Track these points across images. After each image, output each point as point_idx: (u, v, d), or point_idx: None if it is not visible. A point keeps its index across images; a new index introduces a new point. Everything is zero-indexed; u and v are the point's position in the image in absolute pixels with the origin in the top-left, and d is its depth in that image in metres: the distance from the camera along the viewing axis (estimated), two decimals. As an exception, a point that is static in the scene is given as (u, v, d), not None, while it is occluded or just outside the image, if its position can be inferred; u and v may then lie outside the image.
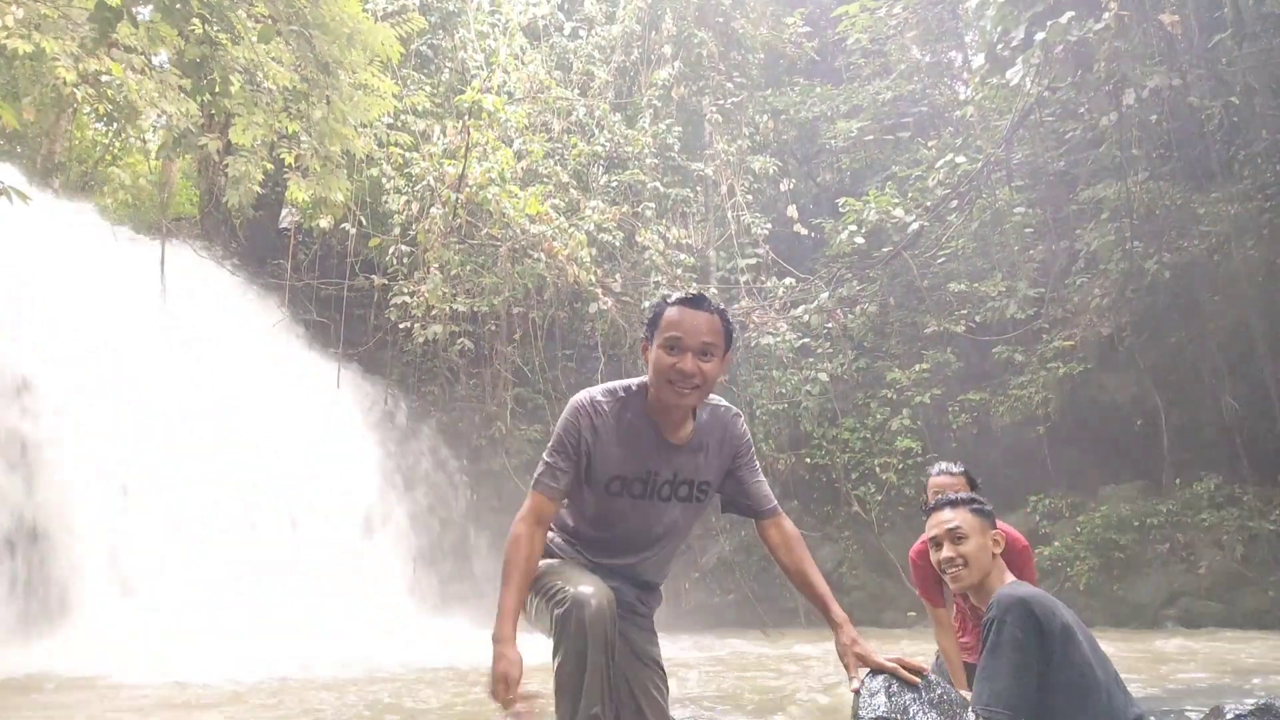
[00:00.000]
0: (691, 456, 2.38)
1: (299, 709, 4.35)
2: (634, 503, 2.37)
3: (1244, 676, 4.93)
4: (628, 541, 2.43)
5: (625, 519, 2.40)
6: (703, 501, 2.47)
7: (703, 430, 2.39)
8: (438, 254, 10.13)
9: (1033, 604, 2.43)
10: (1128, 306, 9.86)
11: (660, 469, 2.36)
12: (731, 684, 5.01)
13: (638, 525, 2.41)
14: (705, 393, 2.30)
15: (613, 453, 2.34)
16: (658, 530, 2.43)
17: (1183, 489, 9.16)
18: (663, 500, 2.39)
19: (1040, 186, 11.67)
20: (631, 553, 2.45)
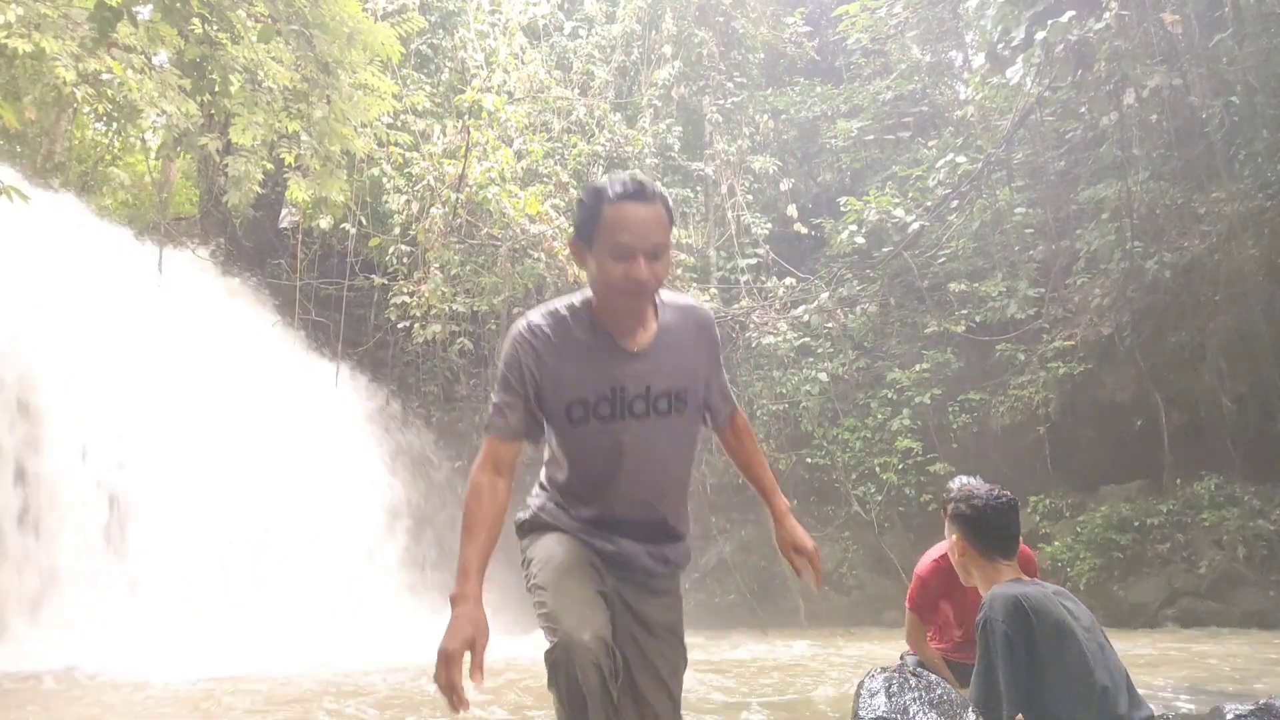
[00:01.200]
0: (660, 362, 2.08)
1: (299, 707, 4.35)
2: (605, 427, 2.05)
3: (1244, 676, 4.93)
4: (618, 482, 2.10)
5: (602, 451, 2.08)
6: (688, 413, 2.15)
7: (669, 331, 2.10)
8: (438, 254, 10.13)
9: (1023, 602, 2.43)
10: (1128, 306, 9.85)
11: (627, 383, 2.04)
12: (732, 684, 5.01)
13: (620, 455, 2.07)
14: (657, 289, 2.05)
15: (565, 375, 2.04)
16: (647, 458, 2.10)
17: (1183, 489, 9.15)
18: (639, 418, 2.06)
19: (1041, 186, 11.66)
20: (628, 496, 2.11)
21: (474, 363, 11.18)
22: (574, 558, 2.07)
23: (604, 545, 2.13)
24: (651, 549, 2.16)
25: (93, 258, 8.96)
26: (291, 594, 8.14)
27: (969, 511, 2.68)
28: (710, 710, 4.11)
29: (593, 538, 2.13)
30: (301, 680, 5.32)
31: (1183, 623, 8.44)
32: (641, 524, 2.15)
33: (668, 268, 2.05)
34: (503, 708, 4.19)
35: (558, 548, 2.10)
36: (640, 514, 2.14)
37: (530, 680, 4.89)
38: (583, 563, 2.07)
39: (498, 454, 2.06)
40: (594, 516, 2.14)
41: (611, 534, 2.13)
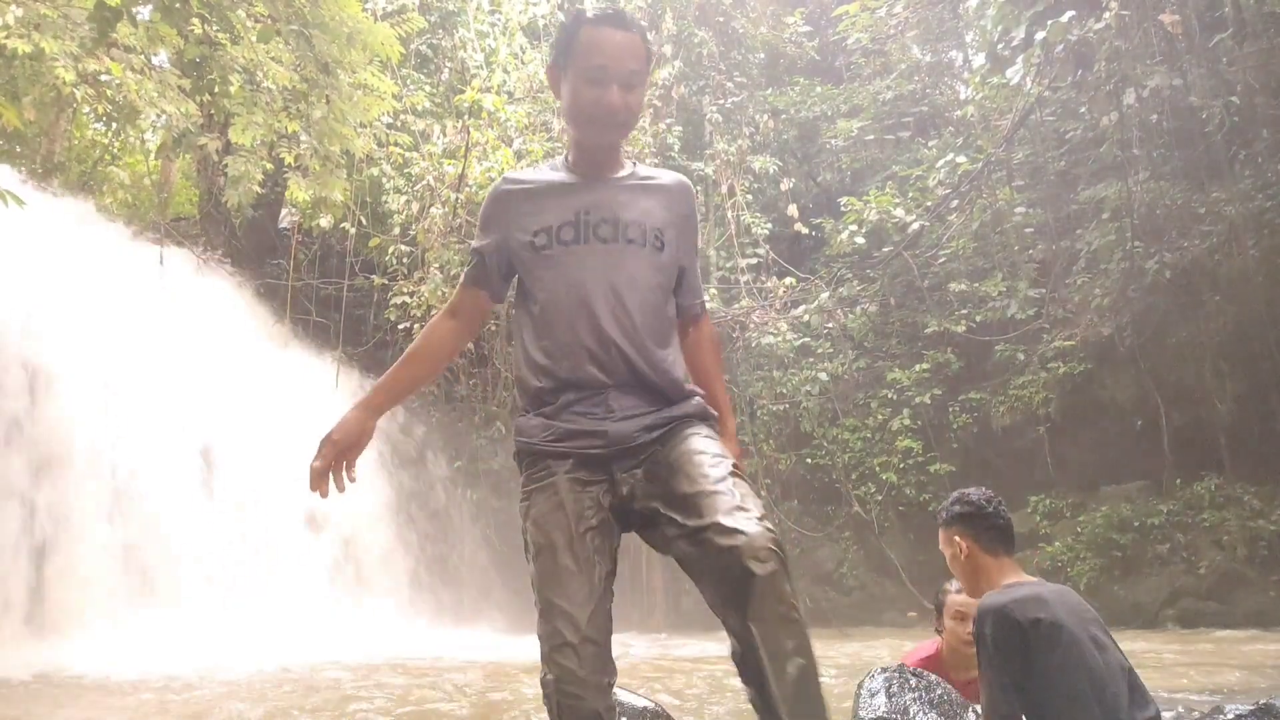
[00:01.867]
0: (632, 195, 1.95)
1: (298, 705, 4.34)
2: (568, 253, 1.88)
3: (1244, 676, 4.92)
4: (586, 320, 1.84)
5: (567, 283, 1.86)
6: (662, 250, 1.93)
7: (644, 180, 2.00)
8: (437, 254, 10.13)
9: (1010, 609, 2.43)
10: (1128, 306, 9.85)
11: (592, 207, 1.90)
12: (731, 684, 5.00)
13: (584, 286, 1.85)
14: (630, 129, 1.97)
15: (531, 210, 1.93)
16: (615, 284, 1.85)
17: (1183, 489, 9.15)
18: (605, 242, 1.88)
19: (1041, 186, 11.66)
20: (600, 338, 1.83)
21: (474, 363, 11.17)
22: (568, 539, 1.78)
23: (589, 444, 1.83)
24: (646, 420, 1.85)
25: (93, 257, 8.96)
26: (289, 594, 8.14)
27: (966, 508, 2.68)
28: (710, 710, 4.11)
29: (577, 441, 1.83)
30: (299, 678, 5.32)
31: (1183, 623, 8.44)
32: (626, 383, 1.86)
33: (641, 103, 1.96)
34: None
35: (550, 530, 1.81)
36: (620, 367, 1.85)
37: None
38: (579, 545, 1.78)
39: (459, 300, 2.03)
40: (568, 389, 1.86)
41: (594, 412, 1.84)
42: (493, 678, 5.38)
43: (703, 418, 1.92)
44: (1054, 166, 11.70)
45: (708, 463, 1.77)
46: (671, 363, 1.93)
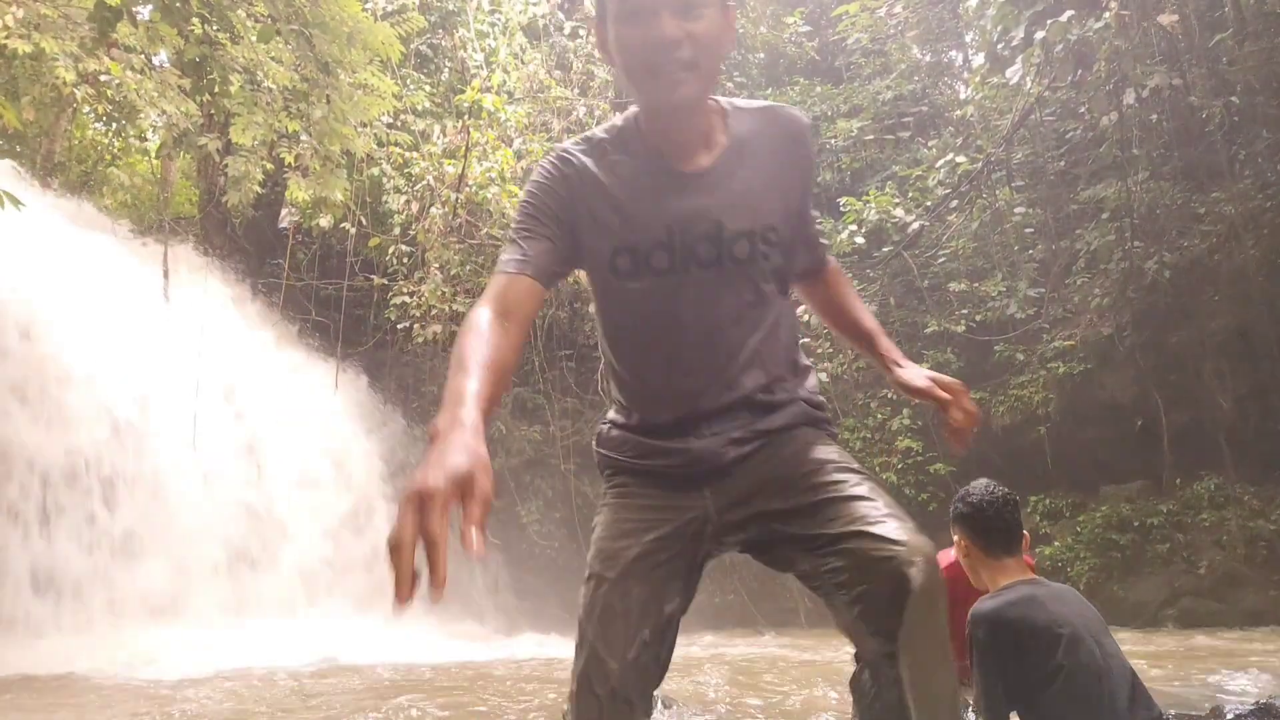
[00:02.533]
0: (733, 187, 1.51)
1: (297, 706, 4.34)
2: (660, 284, 1.51)
3: (1244, 676, 4.92)
4: (678, 363, 1.55)
5: (655, 319, 1.54)
6: (774, 248, 1.54)
7: (744, 143, 1.54)
8: (438, 254, 10.12)
9: (1001, 613, 2.42)
10: (1128, 306, 9.85)
11: (688, 217, 1.49)
12: (731, 684, 5.00)
13: (678, 327, 1.53)
14: (708, 74, 1.46)
15: (606, 214, 1.51)
16: (716, 327, 1.53)
17: (1183, 489, 9.15)
18: (704, 266, 1.50)
19: (1041, 186, 11.66)
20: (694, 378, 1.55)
21: (474, 363, 11.17)
22: (622, 573, 1.54)
23: (672, 463, 1.58)
24: (738, 434, 1.58)
25: (92, 257, 8.97)
26: (288, 594, 8.14)
27: (965, 509, 2.67)
28: (709, 711, 4.10)
29: (657, 459, 1.59)
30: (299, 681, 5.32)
31: (1183, 623, 8.44)
32: (721, 410, 1.58)
33: (718, 33, 1.46)
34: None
35: (606, 558, 1.57)
36: (715, 400, 1.57)
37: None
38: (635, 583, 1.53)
39: (505, 295, 1.44)
40: (653, 421, 1.61)
41: (680, 436, 1.58)
42: (484, 682, 5.38)
43: (810, 423, 1.64)
44: (1054, 166, 11.70)
45: (833, 468, 1.51)
46: (776, 377, 1.62)
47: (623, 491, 1.63)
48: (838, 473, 1.50)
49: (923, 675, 1.29)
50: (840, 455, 1.57)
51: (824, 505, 1.44)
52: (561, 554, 10.17)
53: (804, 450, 1.56)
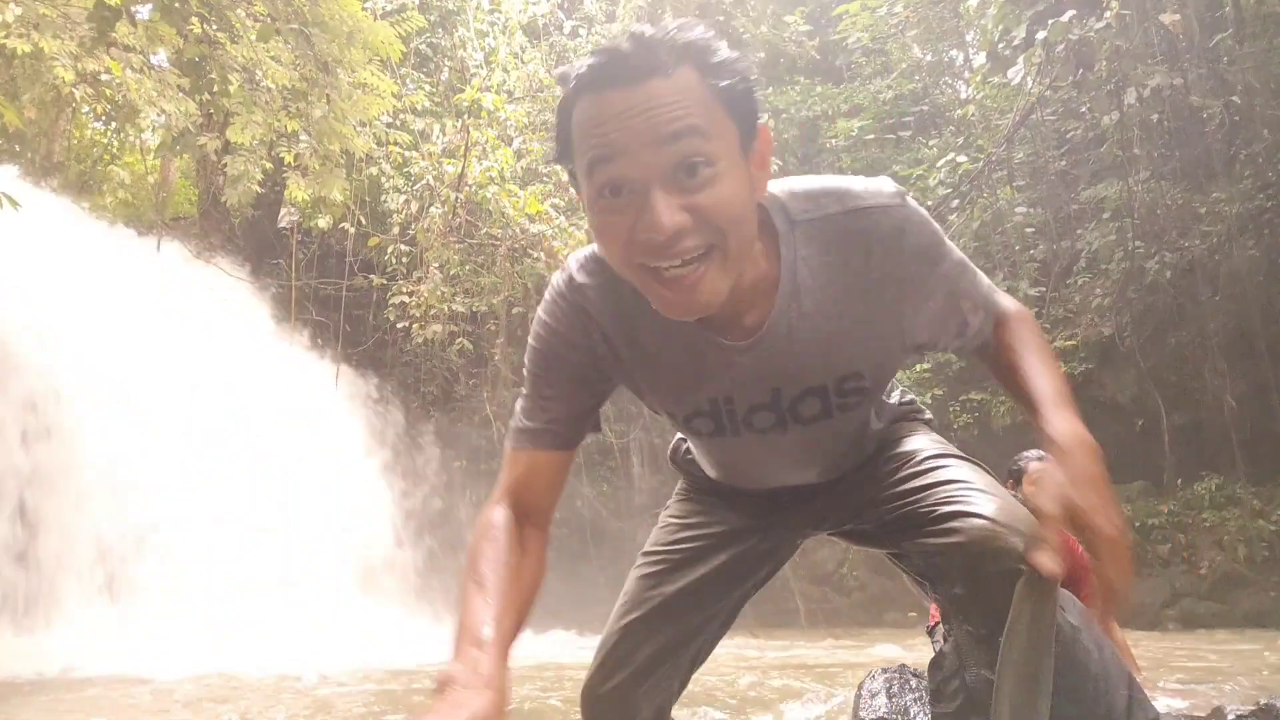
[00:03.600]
0: (792, 348, 1.18)
1: (298, 706, 4.33)
2: (720, 441, 1.32)
3: (1245, 677, 4.91)
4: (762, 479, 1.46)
5: (727, 457, 1.42)
6: (861, 399, 1.27)
7: (798, 279, 1.15)
8: (437, 253, 10.12)
9: None
10: (1129, 306, 9.85)
11: (734, 392, 1.23)
12: (731, 685, 5.00)
13: (755, 462, 1.40)
14: (737, 246, 1.04)
15: (635, 371, 1.26)
16: (797, 463, 1.38)
17: (1184, 489, 9.15)
18: (762, 432, 1.27)
19: (1041, 186, 11.65)
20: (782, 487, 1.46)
21: (473, 363, 11.17)
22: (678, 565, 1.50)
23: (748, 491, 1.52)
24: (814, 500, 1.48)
25: (91, 257, 8.96)
26: (287, 596, 8.13)
27: None
28: (708, 712, 4.09)
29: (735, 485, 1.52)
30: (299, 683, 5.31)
31: (1184, 624, 8.43)
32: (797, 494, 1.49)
33: (741, 189, 1.03)
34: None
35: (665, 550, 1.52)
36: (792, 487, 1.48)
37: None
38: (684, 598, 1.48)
39: (521, 480, 1.24)
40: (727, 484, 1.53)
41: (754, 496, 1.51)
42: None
43: (901, 418, 1.50)
44: (1055, 166, 11.69)
45: (927, 456, 1.35)
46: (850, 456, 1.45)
47: (699, 489, 1.58)
48: (931, 459, 1.34)
49: (1023, 661, 1.18)
50: (934, 442, 1.40)
51: (922, 490, 1.29)
52: (562, 554, 10.16)
53: (893, 444, 1.42)
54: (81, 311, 8.13)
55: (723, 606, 1.53)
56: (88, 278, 8.51)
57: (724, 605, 1.53)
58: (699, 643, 1.52)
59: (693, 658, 1.54)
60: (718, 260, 1.03)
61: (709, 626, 1.53)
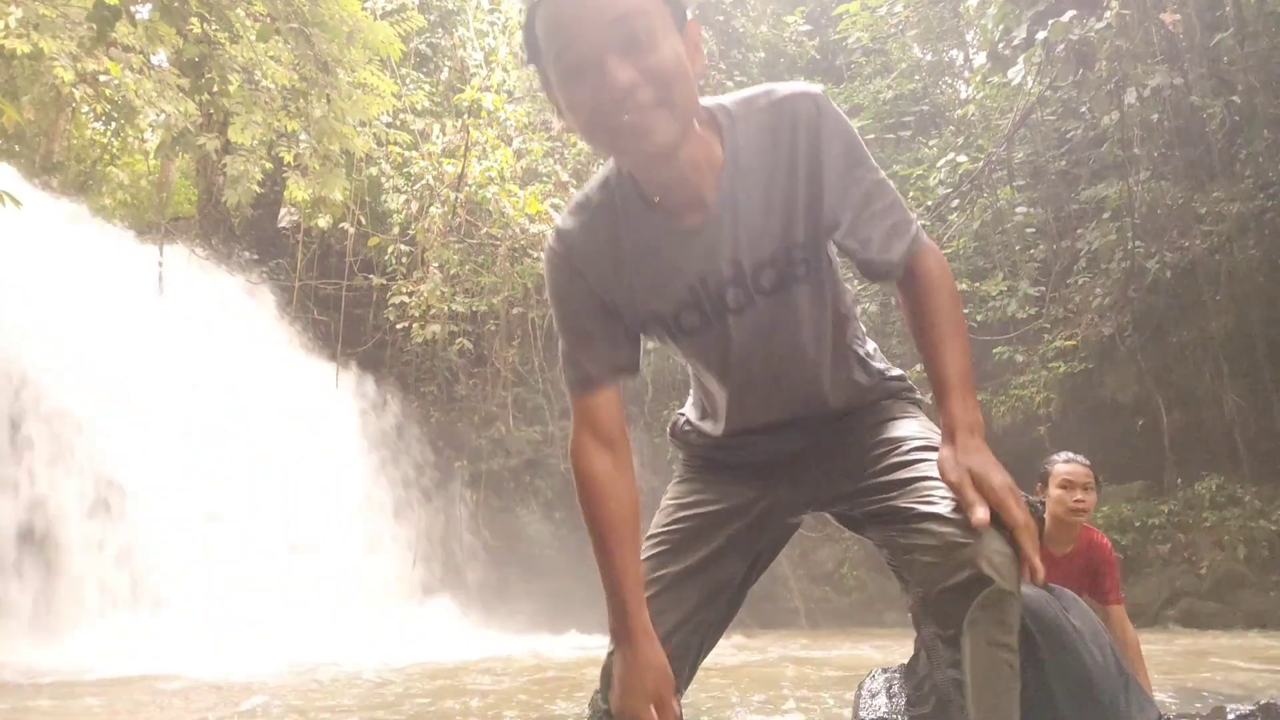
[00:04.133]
0: (739, 221, 1.36)
1: (297, 707, 4.33)
2: (704, 339, 1.46)
3: (1245, 676, 4.91)
4: (743, 393, 1.52)
5: (710, 361, 1.50)
6: (816, 269, 1.43)
7: (738, 152, 1.37)
8: (437, 253, 10.12)
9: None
10: (1129, 306, 9.84)
11: (705, 276, 1.39)
12: (731, 685, 4.99)
13: (731, 366, 1.48)
14: (683, 103, 1.27)
15: (621, 290, 1.44)
16: (770, 355, 1.46)
17: (1184, 489, 9.14)
18: (738, 311, 1.42)
19: (1042, 186, 11.65)
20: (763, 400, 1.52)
21: (473, 363, 11.17)
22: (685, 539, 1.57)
23: (749, 455, 1.59)
24: (810, 432, 1.56)
25: (91, 257, 8.95)
26: (285, 594, 8.13)
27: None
28: (708, 712, 4.09)
29: (738, 451, 1.60)
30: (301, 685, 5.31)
31: (1184, 623, 8.43)
32: (795, 419, 1.55)
33: (673, 60, 1.25)
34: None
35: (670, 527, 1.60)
36: (789, 411, 1.54)
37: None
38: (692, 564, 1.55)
39: (592, 416, 1.45)
40: (727, 430, 1.58)
41: (754, 442, 1.58)
42: (491, 679, 5.37)
43: (890, 395, 1.59)
44: (1055, 166, 11.69)
45: (912, 446, 1.44)
46: (861, 384, 1.57)
47: (697, 465, 1.64)
48: (916, 451, 1.42)
49: (988, 665, 1.24)
50: (921, 429, 1.49)
51: (902, 484, 1.38)
52: (562, 554, 10.15)
53: (883, 426, 1.51)
54: (81, 311, 8.13)
55: (727, 586, 1.57)
56: (88, 279, 8.51)
57: (728, 585, 1.58)
58: (707, 624, 1.56)
59: (701, 641, 1.56)
60: (666, 111, 1.25)
61: (715, 606, 1.57)
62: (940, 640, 1.27)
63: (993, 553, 1.22)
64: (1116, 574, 3.37)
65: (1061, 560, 3.13)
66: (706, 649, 1.59)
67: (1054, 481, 3.27)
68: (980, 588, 1.21)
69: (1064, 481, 3.22)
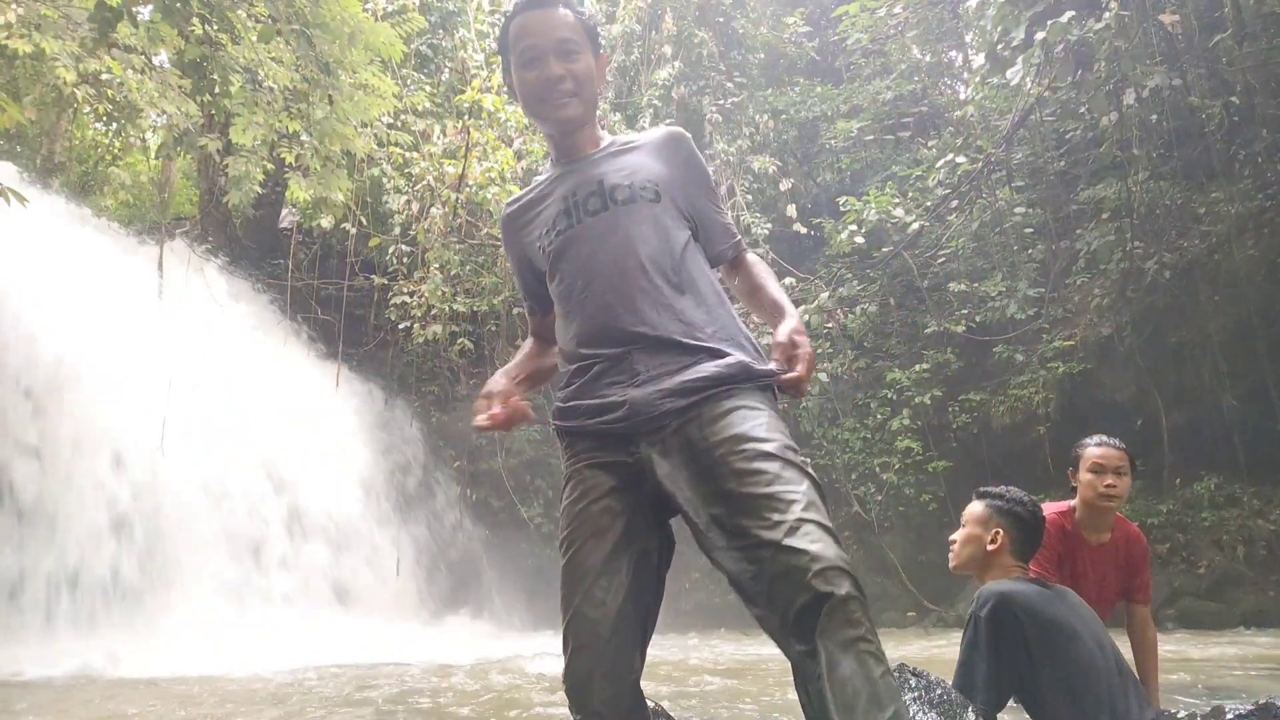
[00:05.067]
0: (614, 160, 1.90)
1: (299, 706, 4.35)
2: (567, 237, 1.84)
3: (1245, 676, 4.93)
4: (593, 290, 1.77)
5: (573, 267, 1.82)
6: (658, 200, 1.84)
7: (625, 144, 1.96)
8: (438, 254, 10.13)
9: (1013, 599, 2.45)
10: (1128, 306, 9.86)
11: (577, 187, 1.87)
12: (731, 685, 5.01)
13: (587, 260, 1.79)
14: (588, 100, 1.88)
15: (531, 216, 1.95)
16: (614, 249, 1.78)
17: (1183, 489, 9.15)
18: (594, 214, 1.83)
19: (1040, 186, 11.67)
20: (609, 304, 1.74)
21: (474, 363, 11.18)
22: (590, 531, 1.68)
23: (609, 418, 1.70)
24: (674, 380, 1.67)
25: (92, 257, 8.97)
26: (286, 594, 8.14)
27: (1024, 513, 2.75)
28: (708, 712, 4.11)
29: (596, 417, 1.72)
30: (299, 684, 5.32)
31: (1183, 623, 8.44)
32: (649, 341, 1.71)
33: (590, 71, 1.87)
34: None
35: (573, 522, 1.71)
36: (638, 325, 1.72)
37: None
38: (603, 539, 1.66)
39: (536, 329, 2.07)
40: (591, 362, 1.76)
41: (619, 379, 1.71)
42: (484, 676, 5.39)
43: (747, 378, 1.69)
44: (1054, 167, 11.70)
45: (755, 452, 1.56)
46: (700, 311, 1.76)
47: (574, 458, 1.78)
48: (759, 460, 1.56)
49: (842, 660, 1.36)
50: (768, 429, 1.62)
51: (745, 500, 1.52)
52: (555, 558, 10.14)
53: (732, 420, 1.62)
54: (81, 311, 8.14)
55: (642, 570, 1.67)
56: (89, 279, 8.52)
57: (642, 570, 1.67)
58: (640, 609, 1.65)
59: (642, 626, 1.65)
60: (577, 102, 1.88)
61: (641, 594, 1.65)
62: (806, 656, 1.40)
63: (822, 568, 1.39)
64: (1149, 573, 3.31)
65: (1098, 550, 3.06)
66: (649, 634, 1.68)
67: (1084, 465, 3.17)
68: (821, 602, 1.37)
69: (1095, 465, 3.13)
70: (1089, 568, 3.17)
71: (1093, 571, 3.11)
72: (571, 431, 1.78)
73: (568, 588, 1.65)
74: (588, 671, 1.58)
